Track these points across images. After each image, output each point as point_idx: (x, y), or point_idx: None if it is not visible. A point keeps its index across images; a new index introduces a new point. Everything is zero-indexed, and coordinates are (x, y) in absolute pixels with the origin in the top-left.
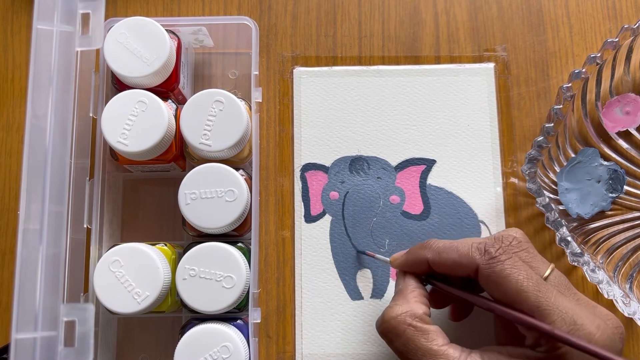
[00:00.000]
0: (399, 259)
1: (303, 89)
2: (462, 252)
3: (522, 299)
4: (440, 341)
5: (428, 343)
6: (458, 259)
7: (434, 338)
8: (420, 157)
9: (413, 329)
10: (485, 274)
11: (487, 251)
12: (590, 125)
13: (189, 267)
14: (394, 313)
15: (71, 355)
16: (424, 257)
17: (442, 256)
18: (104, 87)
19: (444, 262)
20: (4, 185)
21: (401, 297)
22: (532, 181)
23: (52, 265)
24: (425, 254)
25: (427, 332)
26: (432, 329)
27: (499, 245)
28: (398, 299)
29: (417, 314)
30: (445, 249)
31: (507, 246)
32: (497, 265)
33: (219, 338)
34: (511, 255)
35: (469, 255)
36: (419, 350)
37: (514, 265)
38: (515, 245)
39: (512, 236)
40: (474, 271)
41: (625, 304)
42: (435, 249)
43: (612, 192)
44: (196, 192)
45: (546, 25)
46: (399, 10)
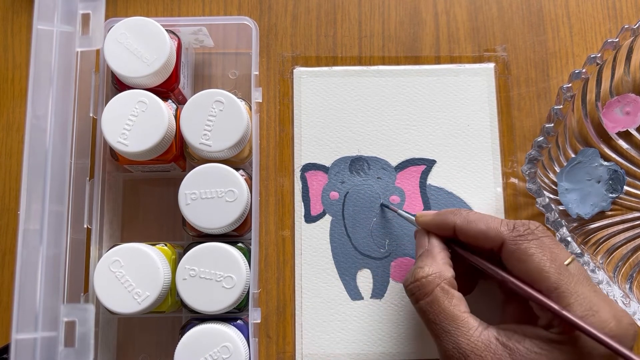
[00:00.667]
0: (426, 217)
1: (303, 89)
2: (490, 225)
3: (543, 278)
4: (462, 308)
5: (452, 307)
6: (486, 230)
7: (457, 304)
8: (420, 157)
9: (441, 290)
10: (510, 249)
11: (516, 229)
12: (591, 125)
13: (189, 267)
14: (425, 273)
15: (71, 355)
16: (452, 222)
17: (470, 225)
18: (104, 87)
19: (471, 231)
20: (4, 185)
21: (430, 257)
22: (532, 181)
23: (53, 266)
24: (454, 219)
25: (452, 296)
26: (457, 295)
27: (527, 227)
28: (426, 259)
29: (446, 277)
30: (475, 219)
31: (535, 229)
32: (523, 242)
33: (219, 338)
34: (538, 237)
35: (498, 228)
36: (442, 313)
37: (540, 246)
38: (541, 230)
39: (539, 223)
40: (499, 245)
41: (625, 304)
42: (464, 217)
43: (612, 192)
44: (196, 192)
45: (546, 25)
46: (399, 10)
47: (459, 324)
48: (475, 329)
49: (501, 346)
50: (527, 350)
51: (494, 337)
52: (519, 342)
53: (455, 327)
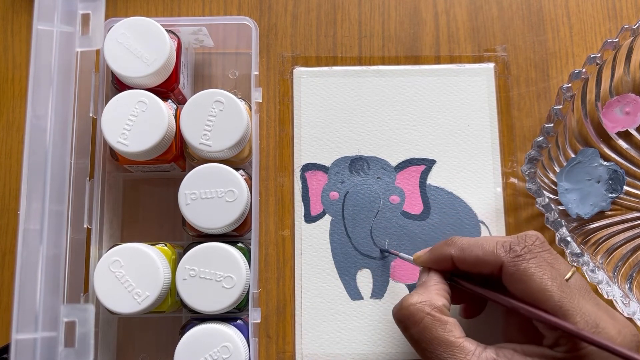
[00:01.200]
0: (422, 256)
1: (303, 89)
2: (486, 249)
3: (547, 297)
4: (457, 333)
5: (445, 334)
6: (483, 256)
7: (451, 329)
8: (420, 157)
9: (431, 318)
10: (509, 272)
11: (513, 249)
12: (590, 125)
13: (189, 267)
14: (413, 300)
15: (71, 355)
16: (448, 254)
17: (466, 252)
18: (104, 87)
19: (468, 259)
20: (4, 185)
21: (422, 287)
22: (532, 181)
23: (53, 266)
24: (449, 251)
25: (445, 322)
26: (450, 321)
27: (523, 245)
28: (419, 289)
29: (436, 305)
30: (470, 246)
31: (531, 245)
32: (522, 263)
33: (219, 338)
34: (536, 255)
35: (494, 252)
36: (435, 340)
37: (539, 265)
38: (538, 246)
39: (535, 236)
40: (498, 269)
41: (625, 304)
42: (459, 246)
43: (612, 192)
44: (196, 193)
45: (546, 25)
46: (399, 10)
47: (454, 350)
48: (472, 354)
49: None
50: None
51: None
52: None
53: (451, 354)
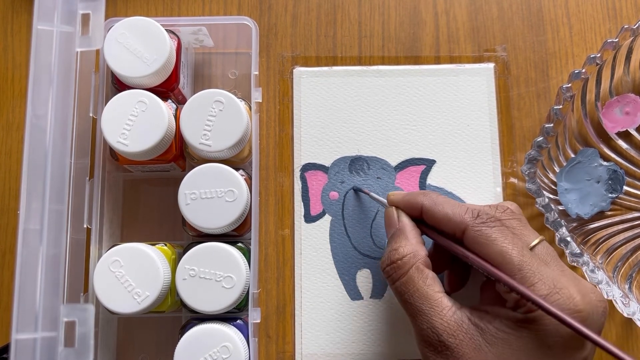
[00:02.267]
0: (396, 196)
1: (303, 89)
2: (455, 211)
3: (506, 260)
4: (437, 288)
5: (426, 287)
6: (450, 215)
7: (431, 283)
8: (420, 157)
9: (416, 270)
10: (472, 235)
11: (480, 216)
12: (590, 125)
13: (189, 267)
14: (401, 254)
15: (71, 355)
16: (419, 203)
17: (436, 207)
18: (104, 87)
19: (437, 214)
20: (4, 185)
21: (403, 237)
22: (531, 181)
23: (52, 266)
24: (422, 200)
25: (427, 276)
26: (431, 275)
27: (492, 213)
28: (399, 239)
29: (421, 256)
30: (442, 202)
31: (501, 213)
32: (485, 229)
33: (219, 338)
34: (500, 224)
35: (462, 215)
36: (416, 292)
37: (502, 231)
38: (507, 214)
39: (506, 206)
40: (462, 231)
41: (625, 304)
42: (433, 199)
43: (612, 192)
44: (196, 192)
45: (546, 25)
46: (399, 10)
47: (432, 304)
48: (449, 309)
49: (473, 326)
50: (496, 330)
51: (466, 317)
52: (489, 322)
53: (429, 307)
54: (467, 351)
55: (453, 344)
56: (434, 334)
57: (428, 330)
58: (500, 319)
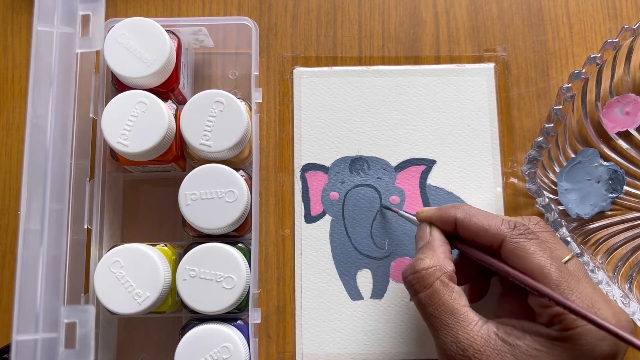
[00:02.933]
0: (427, 212)
1: (303, 89)
2: (491, 222)
3: (545, 275)
4: (463, 302)
5: (452, 301)
6: (487, 226)
7: (457, 297)
8: (420, 157)
9: (441, 283)
10: (510, 247)
11: (517, 227)
12: (590, 125)
13: (189, 267)
14: (425, 265)
15: (72, 356)
16: (453, 216)
17: (472, 219)
18: (104, 88)
19: (472, 226)
20: (5, 185)
21: (430, 249)
22: (532, 181)
23: (53, 266)
24: (455, 213)
25: (453, 289)
26: (457, 289)
27: (527, 225)
28: (426, 251)
29: (447, 270)
30: (477, 214)
31: (535, 225)
32: (524, 240)
33: (219, 338)
34: (537, 236)
35: (499, 226)
36: (442, 306)
37: (540, 245)
38: (542, 226)
39: (537, 218)
40: (499, 243)
41: (625, 304)
42: (467, 212)
43: (612, 192)
44: (196, 193)
45: (546, 25)
46: (399, 10)
47: (458, 318)
48: (475, 324)
49: (500, 341)
50: (527, 347)
51: (493, 332)
52: (519, 338)
53: (454, 321)
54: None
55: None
56: (458, 349)
57: (452, 345)
58: (532, 335)
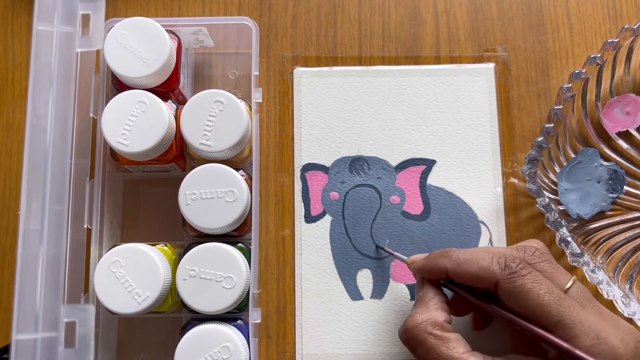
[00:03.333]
0: (417, 262)
1: (303, 89)
2: (482, 266)
3: (544, 313)
4: (460, 349)
5: (448, 351)
6: (478, 272)
7: (454, 346)
8: (420, 158)
9: (433, 338)
10: (505, 289)
11: (508, 266)
12: (591, 125)
13: (189, 267)
14: (414, 322)
15: (72, 356)
16: (443, 267)
17: (461, 268)
18: (104, 88)
19: (464, 274)
20: (4, 185)
21: (421, 304)
22: (532, 181)
23: (53, 266)
24: (444, 264)
25: (447, 340)
26: (452, 337)
27: (520, 259)
28: (418, 307)
29: (437, 322)
30: (465, 261)
31: (530, 256)
32: (517, 279)
33: (219, 338)
34: (531, 270)
35: (490, 269)
36: (440, 358)
37: (535, 280)
38: (537, 256)
39: (534, 247)
40: (494, 285)
41: (625, 304)
42: (455, 260)
43: (612, 192)
44: (196, 193)
45: (546, 25)
46: (399, 10)
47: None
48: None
49: None
50: None
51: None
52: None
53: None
54: None
55: None
56: None
57: None
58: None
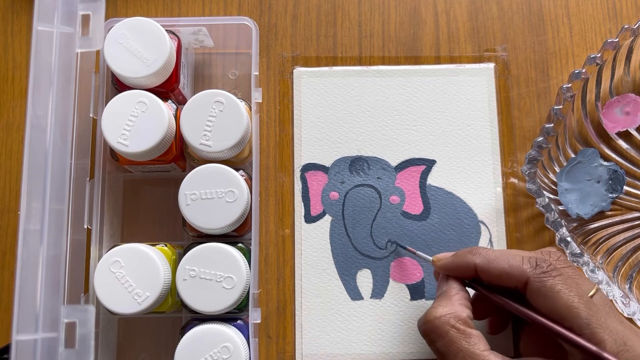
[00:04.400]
0: (443, 260)
1: (303, 89)
2: (512, 263)
3: (574, 315)
4: (482, 346)
5: (470, 347)
6: (508, 269)
7: (476, 342)
8: (420, 158)
9: (456, 331)
10: (535, 287)
11: (539, 265)
12: (590, 125)
13: (189, 267)
14: (437, 313)
15: (72, 356)
16: (472, 262)
17: (492, 264)
18: (104, 88)
19: (493, 271)
20: (5, 185)
21: (445, 298)
22: (532, 181)
23: (53, 266)
24: (474, 260)
25: (470, 335)
26: (474, 333)
27: (549, 261)
28: (441, 300)
29: (460, 317)
30: (496, 258)
31: (556, 261)
32: (548, 279)
33: (219, 338)
34: (561, 272)
35: (520, 267)
36: (460, 353)
37: (565, 282)
38: (563, 261)
39: (559, 252)
40: (523, 283)
41: (625, 304)
42: (485, 256)
43: (612, 192)
44: (196, 193)
45: (546, 25)
46: (399, 10)
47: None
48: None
49: None
50: None
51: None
52: None
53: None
54: None
55: None
56: None
57: None
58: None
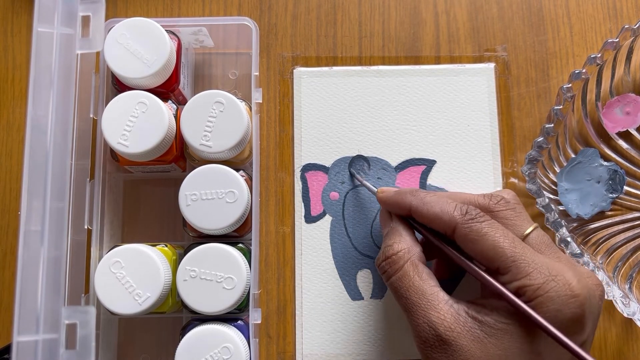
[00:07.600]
0: (386, 193)
1: (303, 90)
2: (444, 209)
3: (499, 254)
4: (432, 282)
5: (421, 282)
6: (439, 213)
7: (426, 278)
8: (421, 158)
9: (411, 265)
10: (462, 233)
11: (468, 212)
12: (591, 125)
13: (190, 268)
14: (394, 249)
15: (72, 357)
16: (408, 202)
17: (425, 207)
18: (105, 88)
19: (425, 213)
20: (5, 186)
21: (397, 234)
22: (532, 182)
23: (53, 267)
24: (410, 200)
25: (422, 271)
26: (426, 270)
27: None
28: (394, 237)
29: (415, 252)
30: (430, 202)
31: (494, 204)
32: (475, 224)
33: (220, 339)
34: (489, 218)
35: (451, 212)
36: (412, 288)
37: (492, 225)
38: (501, 205)
39: (501, 196)
40: (452, 229)
41: (625, 304)
42: (420, 198)
43: (612, 192)
44: (197, 193)
45: (546, 25)
46: (399, 10)
47: (428, 298)
48: (445, 302)
49: (470, 319)
50: (494, 322)
51: (463, 311)
52: (487, 314)
53: (425, 301)
54: (465, 343)
55: (451, 337)
56: (430, 328)
57: (424, 325)
58: (499, 310)
